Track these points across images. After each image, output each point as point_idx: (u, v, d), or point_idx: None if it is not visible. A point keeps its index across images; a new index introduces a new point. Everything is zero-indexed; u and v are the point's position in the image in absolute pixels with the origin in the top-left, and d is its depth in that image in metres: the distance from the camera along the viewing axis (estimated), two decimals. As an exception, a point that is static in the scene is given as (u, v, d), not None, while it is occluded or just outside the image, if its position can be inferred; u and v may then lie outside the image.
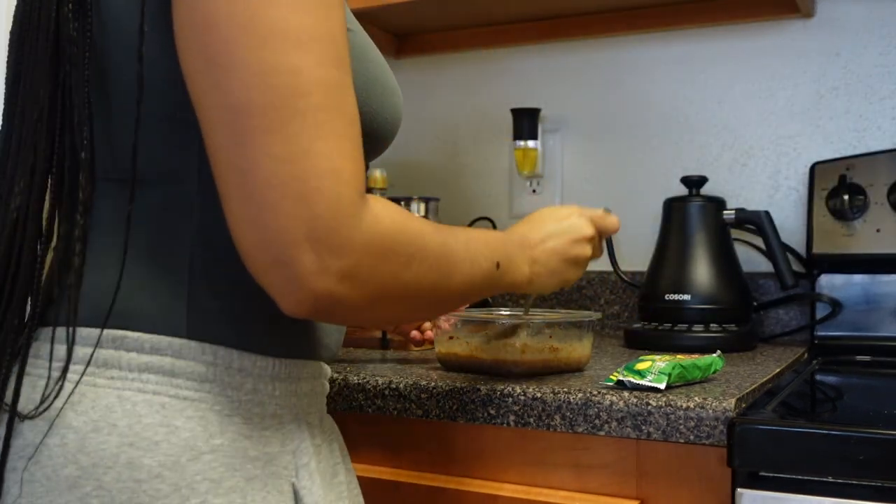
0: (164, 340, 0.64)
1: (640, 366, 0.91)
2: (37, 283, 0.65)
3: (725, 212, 1.36)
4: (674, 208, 1.39)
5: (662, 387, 0.87)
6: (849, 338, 1.36)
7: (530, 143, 1.63)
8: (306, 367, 0.72)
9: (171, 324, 0.64)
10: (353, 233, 0.57)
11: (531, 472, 0.92)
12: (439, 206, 1.65)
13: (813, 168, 1.42)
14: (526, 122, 1.62)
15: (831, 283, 1.39)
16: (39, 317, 0.66)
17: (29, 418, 0.62)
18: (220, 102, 0.57)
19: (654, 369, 0.89)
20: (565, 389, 0.89)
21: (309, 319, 0.66)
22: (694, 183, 1.40)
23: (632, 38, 1.62)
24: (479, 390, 0.92)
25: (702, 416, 0.83)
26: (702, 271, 1.32)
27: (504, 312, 1.11)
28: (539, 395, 0.90)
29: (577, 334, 1.03)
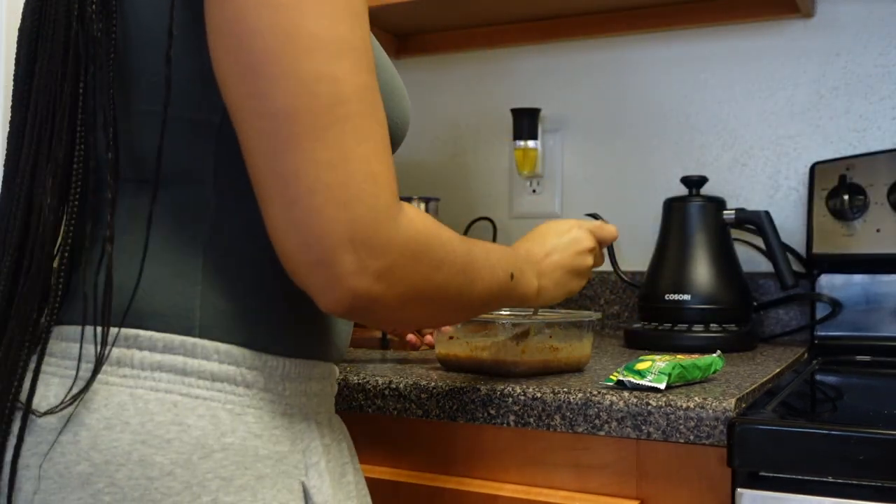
0: (177, 339, 0.64)
1: (640, 366, 0.91)
2: (57, 281, 0.65)
3: (725, 212, 1.36)
4: (674, 208, 1.39)
5: (662, 387, 0.87)
6: (849, 338, 1.36)
7: (530, 143, 1.63)
8: (316, 368, 0.73)
9: (183, 323, 0.65)
10: (390, 234, 0.60)
11: (531, 472, 0.92)
12: (439, 206, 1.65)
13: (813, 168, 1.42)
14: (526, 122, 1.62)
15: (831, 283, 1.39)
16: (55, 315, 0.66)
17: (50, 414, 0.62)
18: (262, 110, 0.58)
19: (654, 369, 0.89)
20: (565, 389, 0.89)
21: (344, 318, 0.67)
22: (694, 183, 1.40)
23: (632, 38, 1.62)
24: (479, 390, 0.92)
25: (702, 416, 0.83)
26: (702, 271, 1.32)
27: (504, 313, 1.10)
28: (539, 395, 0.90)
29: (577, 334, 1.03)
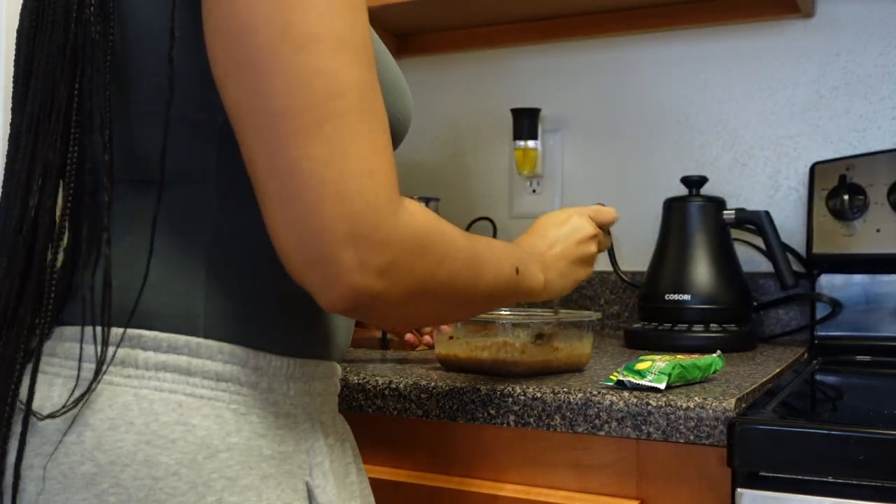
0: (181, 339, 0.64)
1: (640, 366, 0.91)
2: (50, 282, 0.65)
3: (725, 212, 1.36)
4: (674, 208, 1.39)
5: (662, 387, 0.87)
6: (849, 338, 1.36)
7: (530, 143, 1.63)
8: (319, 367, 0.72)
9: (187, 323, 0.64)
10: (391, 230, 0.59)
11: (531, 472, 0.92)
12: (439, 206, 1.65)
13: (813, 168, 1.42)
14: (526, 122, 1.62)
15: (831, 283, 1.39)
16: (53, 316, 0.66)
17: (53, 417, 0.61)
18: (258, 106, 0.58)
19: (654, 369, 0.89)
20: (565, 389, 0.89)
21: (348, 317, 0.66)
22: (694, 183, 1.40)
23: (632, 38, 1.62)
24: (479, 390, 0.92)
25: (702, 416, 0.83)
26: (702, 271, 1.32)
27: (504, 313, 1.10)
28: (539, 395, 0.90)
29: (577, 334, 1.03)
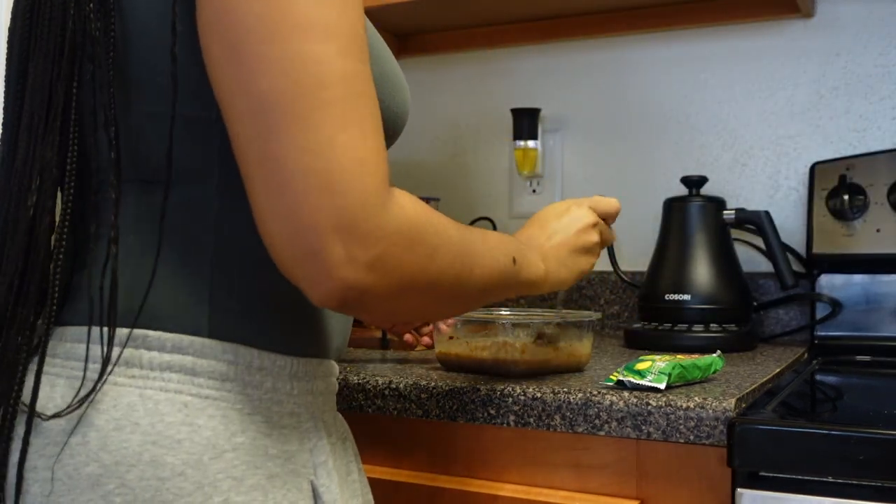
0: (186, 339, 0.63)
1: (640, 366, 0.91)
2: (53, 283, 0.65)
3: (725, 212, 1.36)
4: (674, 208, 1.39)
5: (662, 387, 0.87)
6: (849, 338, 1.36)
7: (530, 143, 1.63)
8: (321, 366, 0.72)
9: (192, 323, 0.64)
10: (380, 222, 0.57)
11: (531, 472, 0.92)
12: (439, 206, 1.65)
13: (813, 168, 1.42)
14: (526, 122, 1.62)
15: (831, 283, 1.39)
16: (55, 316, 0.65)
17: (57, 417, 0.61)
18: (246, 95, 0.57)
19: (654, 369, 0.89)
20: (565, 389, 0.89)
21: (337, 312, 0.65)
22: (694, 183, 1.40)
23: (632, 38, 1.62)
24: (479, 390, 0.92)
25: (702, 416, 0.83)
26: (702, 271, 1.32)
27: (504, 312, 1.10)
28: (539, 395, 0.90)
29: (577, 334, 1.03)
